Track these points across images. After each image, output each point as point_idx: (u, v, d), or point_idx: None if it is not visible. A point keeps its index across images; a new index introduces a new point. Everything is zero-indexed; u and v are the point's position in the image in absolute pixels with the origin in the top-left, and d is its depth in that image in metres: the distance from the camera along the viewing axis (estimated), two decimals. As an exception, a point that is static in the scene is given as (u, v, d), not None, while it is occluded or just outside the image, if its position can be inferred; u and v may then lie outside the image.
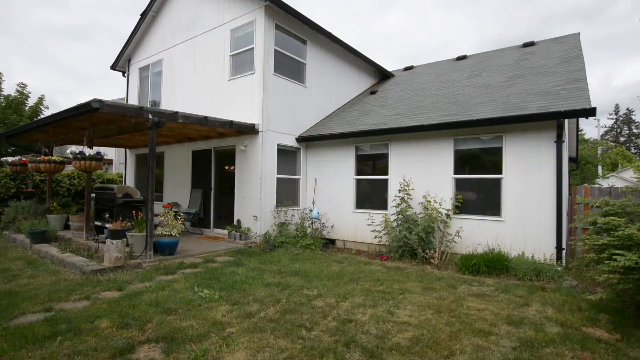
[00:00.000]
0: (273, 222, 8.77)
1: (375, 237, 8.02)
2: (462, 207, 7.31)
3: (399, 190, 7.83)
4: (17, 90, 18.87)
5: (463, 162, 7.44)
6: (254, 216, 8.61)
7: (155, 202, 6.71)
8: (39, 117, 18.34)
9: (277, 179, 9.00)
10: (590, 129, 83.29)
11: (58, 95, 46.57)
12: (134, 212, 7.12)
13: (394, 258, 7.30)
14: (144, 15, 11.86)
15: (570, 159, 11.48)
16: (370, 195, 8.82)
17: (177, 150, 11.01)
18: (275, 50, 8.93)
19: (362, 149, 8.99)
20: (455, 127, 7.17)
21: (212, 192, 9.89)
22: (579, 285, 5.28)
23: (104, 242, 6.24)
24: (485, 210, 7.08)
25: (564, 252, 6.23)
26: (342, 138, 8.91)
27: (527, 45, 11.65)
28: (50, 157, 8.84)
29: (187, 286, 5.00)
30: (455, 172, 7.42)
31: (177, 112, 6.88)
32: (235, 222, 8.94)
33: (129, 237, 6.49)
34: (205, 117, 7.45)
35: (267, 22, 8.64)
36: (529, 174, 6.54)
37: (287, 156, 9.45)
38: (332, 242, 9.20)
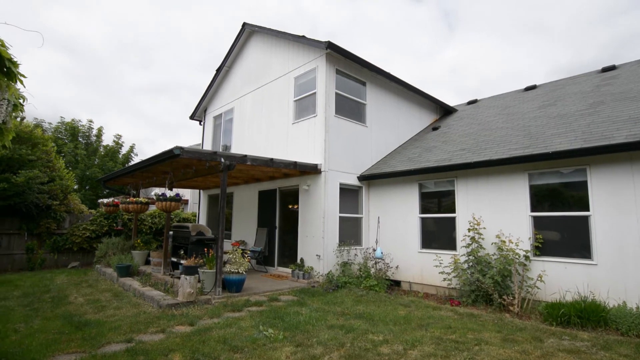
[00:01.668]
0: (336, 261, 8.70)
1: (444, 279, 7.51)
2: (543, 248, 6.61)
3: (469, 229, 7.36)
4: (114, 141, 21.79)
5: (541, 198, 6.83)
6: (316, 255, 8.63)
7: (224, 240, 7.08)
8: (130, 164, 20.88)
9: (340, 217, 9.02)
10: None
11: (145, 143, 52.85)
12: (205, 249, 7.56)
13: (466, 303, 6.73)
14: (219, 70, 13.25)
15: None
16: (437, 234, 8.40)
17: (245, 191, 11.66)
18: (336, 94, 9.31)
19: (426, 186, 8.72)
20: (529, 160, 6.69)
21: (277, 230, 10.18)
22: None
23: (179, 278, 6.67)
24: (571, 251, 6.32)
25: (679, 303, 5.25)
26: (404, 175, 8.76)
27: (607, 69, 10.74)
28: (137, 198, 9.89)
29: (253, 324, 5.07)
30: (533, 209, 6.81)
31: (245, 155, 7.38)
32: (298, 260, 9.03)
33: (200, 273, 6.86)
34: (271, 159, 7.87)
35: (328, 68, 9.12)
36: (623, 211, 5.77)
37: (349, 195, 9.49)
38: (397, 283, 8.80)
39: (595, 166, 6.15)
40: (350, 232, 9.32)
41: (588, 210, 6.15)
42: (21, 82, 2.88)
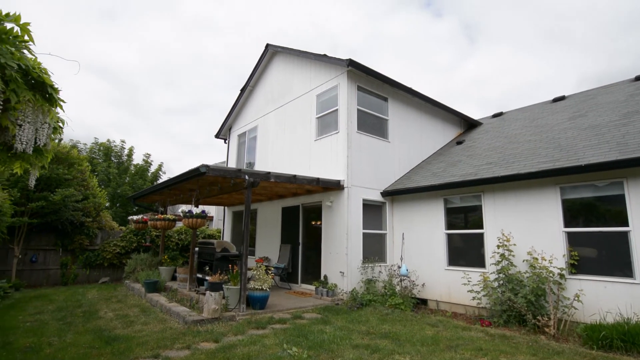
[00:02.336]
0: (360, 278, 8.56)
1: (473, 298, 7.23)
2: (579, 265, 6.28)
3: (498, 246, 7.10)
4: (143, 160, 22.64)
5: (574, 213, 6.53)
6: (340, 272, 8.53)
7: (248, 257, 7.14)
8: (158, 181, 21.59)
9: (363, 234, 8.93)
10: None
11: (172, 161, 54.68)
12: (230, 265, 7.64)
13: (497, 324, 6.43)
14: (243, 90, 13.65)
15: None
16: (464, 251, 8.15)
17: (268, 207, 11.77)
18: (358, 110, 9.37)
19: (451, 201, 8.53)
20: (560, 174, 6.44)
21: (300, 247, 10.17)
22: None
23: (204, 294, 6.74)
24: (611, 269, 5.96)
25: None
26: (429, 191, 8.61)
27: (641, 78, 10.31)
28: (165, 215, 10.17)
29: (277, 342, 5.03)
30: (566, 225, 6.51)
31: (269, 173, 7.48)
32: (322, 277, 8.95)
33: (225, 290, 6.91)
34: (294, 176, 7.95)
35: (349, 85, 9.22)
36: (666, 226, 5.42)
37: (372, 211, 9.40)
38: (424, 302, 8.54)
39: (633, 179, 5.85)
40: (374, 248, 9.18)
41: (627, 225, 5.82)
42: (61, 107, 3.07)
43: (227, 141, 15.07)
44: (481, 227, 7.77)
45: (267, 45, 12.37)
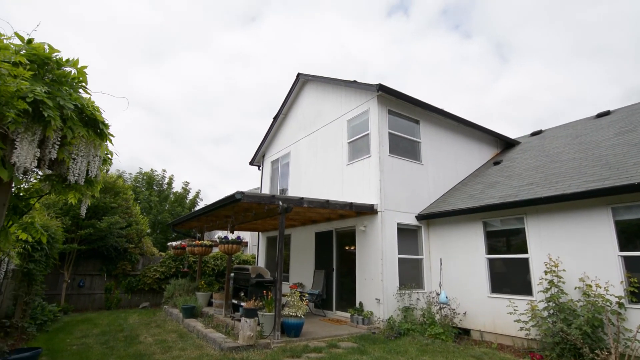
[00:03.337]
0: (396, 306, 8.26)
1: (521, 328, 6.73)
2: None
3: (545, 272, 6.64)
4: (182, 187, 23.61)
5: (630, 235, 6.02)
6: (376, 299, 8.28)
7: (282, 282, 7.12)
8: (195, 208, 22.36)
9: (399, 259, 8.69)
10: None
11: (208, 188, 56.79)
12: (264, 291, 7.64)
13: (549, 357, 5.92)
14: (275, 118, 14.08)
15: None
16: (508, 277, 7.69)
17: (302, 232, 11.79)
18: (390, 133, 9.35)
19: (491, 224, 8.16)
20: (611, 193, 6.02)
21: (334, 273, 10.03)
22: None
23: (239, 320, 6.75)
24: (678, 299, 5.38)
25: None
26: (466, 214, 8.31)
27: (696, 90, 9.60)
28: (202, 241, 10.45)
29: (312, 372, 4.90)
30: (622, 249, 6.01)
31: (302, 198, 7.55)
32: (357, 304, 8.72)
33: (259, 316, 6.89)
34: (327, 201, 7.96)
35: (380, 109, 9.27)
36: None
37: (407, 235, 9.17)
38: (466, 332, 8.06)
39: (696, 198, 5.35)
40: (410, 274, 8.88)
41: (694, 249, 5.28)
42: (110, 141, 3.31)
43: (260, 168, 15.46)
44: (525, 251, 7.34)
45: (298, 75, 12.79)
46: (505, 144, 12.89)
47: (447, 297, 8.20)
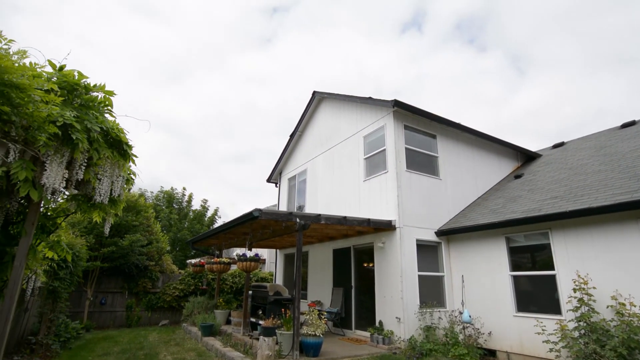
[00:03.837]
0: (418, 325, 8.03)
1: (551, 350, 6.41)
2: (679, 313, 5.38)
3: (574, 289, 6.35)
4: (201, 205, 23.96)
5: (665, 251, 5.72)
6: (396, 318, 8.08)
7: (300, 300, 7.05)
8: (214, 226, 22.62)
9: (419, 276, 8.49)
10: None
11: (226, 205, 57.54)
12: (283, 309, 7.58)
13: (583, 382, 5.59)
14: (292, 136, 14.25)
15: None
16: (534, 295, 7.39)
17: (319, 249, 11.72)
18: (406, 148, 9.31)
19: (514, 240, 7.92)
20: (641, 207, 5.76)
21: (353, 290, 9.87)
22: None
23: (257, 339, 6.70)
24: None
25: None
26: (488, 229, 8.10)
27: None
28: (220, 258, 10.52)
29: (332, 394, 4.78)
30: (656, 265, 5.71)
31: (319, 215, 7.54)
32: (377, 323, 8.53)
33: (278, 335, 6.82)
34: (345, 217, 7.92)
35: (396, 125, 9.27)
36: None
37: (427, 251, 8.98)
38: (492, 353, 7.73)
39: None
40: (431, 292, 8.65)
41: None
42: (133, 161, 3.42)
43: (278, 185, 15.58)
44: (552, 267, 7.06)
45: (314, 93, 12.98)
46: (526, 157, 12.61)
47: (470, 316, 7.93)
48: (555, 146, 13.02)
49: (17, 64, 2.52)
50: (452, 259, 9.10)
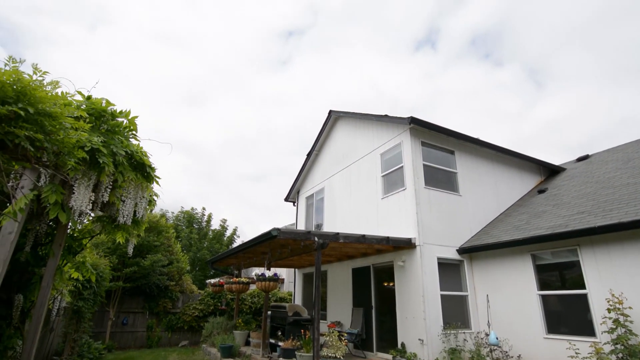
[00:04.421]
0: (442, 347, 7.74)
1: (586, 375, 6.04)
2: None
3: (608, 310, 6.01)
4: (220, 225, 24.20)
5: None
6: (419, 340, 7.82)
7: (320, 321, 6.93)
8: (233, 245, 22.76)
9: (441, 296, 8.24)
10: None
11: (245, 224, 57.97)
12: (302, 330, 7.47)
13: (624, 410, 5.22)
14: (309, 155, 14.38)
15: None
16: (565, 315, 7.04)
17: (338, 268, 11.58)
18: (424, 165, 9.22)
19: (541, 257, 7.63)
20: (676, 221, 5.48)
21: (373, 310, 9.64)
22: None
23: (277, 361, 6.59)
24: None
25: None
26: (512, 246, 7.85)
27: None
28: (239, 278, 10.53)
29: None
30: (697, 283, 5.36)
31: (338, 233, 7.49)
32: (399, 345, 8.27)
33: (297, 357, 6.70)
34: (363, 236, 7.84)
35: (413, 142, 9.23)
36: None
37: (449, 270, 8.74)
38: (522, 378, 7.34)
39: None
40: (455, 312, 8.36)
41: None
42: (157, 182, 3.52)
43: (295, 204, 15.63)
44: (582, 286, 6.73)
45: (330, 112, 13.14)
46: (549, 171, 12.27)
47: (497, 338, 7.59)
48: (580, 159, 12.64)
49: (49, 94, 2.67)
50: (475, 277, 8.82)
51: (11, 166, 2.68)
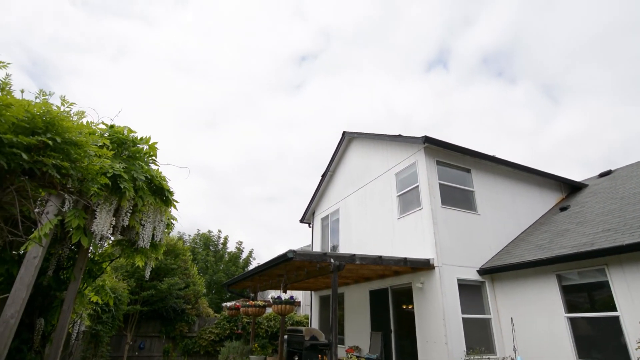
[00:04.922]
0: (465, 373, 7.40)
1: (623, 405, 5.65)
2: None
3: (643, 334, 5.68)
4: (236, 247, 24.24)
5: None
6: (441, 365, 7.51)
7: (337, 346, 6.76)
8: (249, 267, 22.70)
9: (463, 319, 7.95)
10: None
11: (261, 246, 57.90)
12: (319, 355, 7.29)
13: None
14: (323, 176, 14.43)
15: None
16: (596, 339, 6.67)
17: (355, 291, 11.36)
18: (440, 184, 9.12)
19: (567, 278, 7.32)
20: None
21: (392, 334, 9.36)
22: None
23: (294, 388, 6.42)
24: None
25: None
26: (535, 266, 7.57)
27: None
28: (255, 301, 10.44)
29: None
30: None
31: (354, 255, 7.41)
32: (420, 371, 7.95)
33: (315, 384, 6.52)
34: (380, 257, 7.72)
35: (428, 161, 9.17)
36: None
37: (470, 292, 8.46)
38: (553, 408, 6.91)
39: None
40: (478, 336, 8.03)
41: None
42: (175, 207, 3.59)
43: (311, 225, 15.58)
44: (613, 308, 6.40)
45: (344, 133, 13.25)
46: (571, 188, 11.93)
47: (524, 364, 7.23)
48: (602, 175, 12.28)
49: (75, 123, 2.80)
50: (498, 299, 8.51)
51: (38, 193, 2.80)
